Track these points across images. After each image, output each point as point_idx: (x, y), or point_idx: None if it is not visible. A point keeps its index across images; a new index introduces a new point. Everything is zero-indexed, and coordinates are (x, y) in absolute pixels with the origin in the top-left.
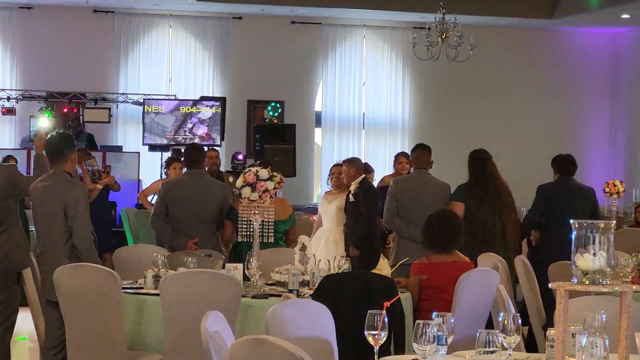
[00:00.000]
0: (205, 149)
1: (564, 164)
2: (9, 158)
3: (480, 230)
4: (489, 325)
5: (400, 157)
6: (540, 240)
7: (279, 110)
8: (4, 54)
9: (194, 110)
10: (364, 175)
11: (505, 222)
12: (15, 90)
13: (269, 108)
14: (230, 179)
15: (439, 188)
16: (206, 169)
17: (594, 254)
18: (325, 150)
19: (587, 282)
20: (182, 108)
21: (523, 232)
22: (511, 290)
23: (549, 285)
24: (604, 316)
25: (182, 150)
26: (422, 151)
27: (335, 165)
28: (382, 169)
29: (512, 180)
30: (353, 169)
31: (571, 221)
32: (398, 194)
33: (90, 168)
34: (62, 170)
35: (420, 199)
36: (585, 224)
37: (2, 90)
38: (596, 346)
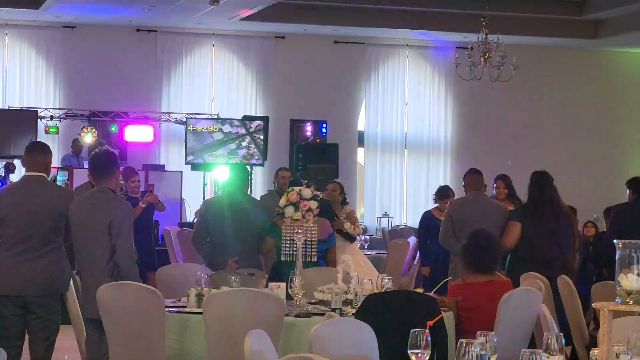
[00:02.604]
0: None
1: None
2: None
3: (537, 253)
4: (532, 345)
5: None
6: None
7: (321, 130)
8: (48, 73)
9: (237, 130)
10: None
11: (563, 246)
12: (59, 109)
13: (308, 129)
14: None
15: (496, 209)
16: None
17: (638, 274)
18: (367, 169)
19: (632, 302)
20: (225, 127)
21: (603, 254)
22: (554, 310)
23: (592, 305)
24: None
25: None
26: (475, 175)
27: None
28: (425, 189)
29: None
30: None
31: (615, 241)
32: (454, 215)
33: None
34: (106, 188)
35: (476, 220)
36: (629, 244)
37: (46, 109)
38: None
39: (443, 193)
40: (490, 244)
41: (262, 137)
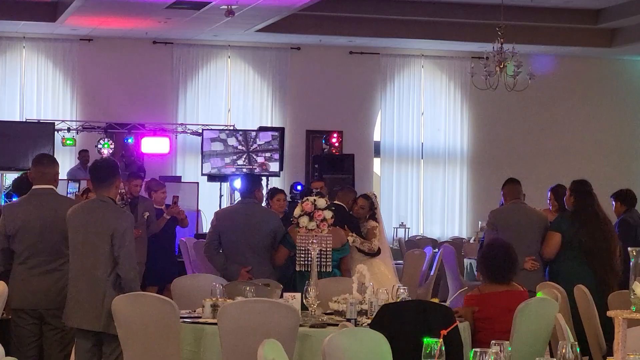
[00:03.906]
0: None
1: None
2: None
3: (593, 262)
4: (551, 355)
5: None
6: None
7: (337, 141)
8: (65, 86)
9: (253, 141)
10: None
11: (611, 253)
12: (75, 121)
13: (324, 140)
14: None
15: (537, 217)
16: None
17: None
18: (384, 179)
19: None
20: (241, 138)
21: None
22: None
23: (607, 313)
24: None
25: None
26: (513, 184)
27: None
28: (442, 199)
29: None
30: None
31: (630, 249)
32: (497, 223)
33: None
34: (106, 197)
35: (518, 229)
36: None
37: (63, 121)
38: None
39: None
40: (508, 255)
41: (278, 148)
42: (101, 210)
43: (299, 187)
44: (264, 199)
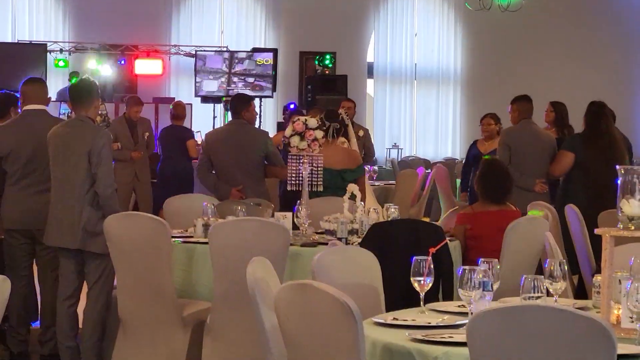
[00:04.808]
0: (254, 99)
1: None
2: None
3: (592, 182)
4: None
5: (486, 118)
6: None
7: (331, 62)
8: (57, 7)
9: (246, 62)
10: None
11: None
12: (68, 42)
13: (317, 60)
14: (361, 133)
15: (548, 138)
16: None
17: None
18: (377, 101)
19: (633, 227)
20: (234, 60)
21: None
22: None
23: (595, 231)
24: None
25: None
26: (525, 102)
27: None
28: (435, 120)
29: None
30: None
31: (617, 167)
32: (511, 143)
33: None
34: (85, 117)
35: (533, 148)
36: (631, 170)
37: (55, 42)
38: None
39: None
40: (505, 175)
41: (271, 69)
42: (79, 129)
43: (292, 106)
44: (257, 118)
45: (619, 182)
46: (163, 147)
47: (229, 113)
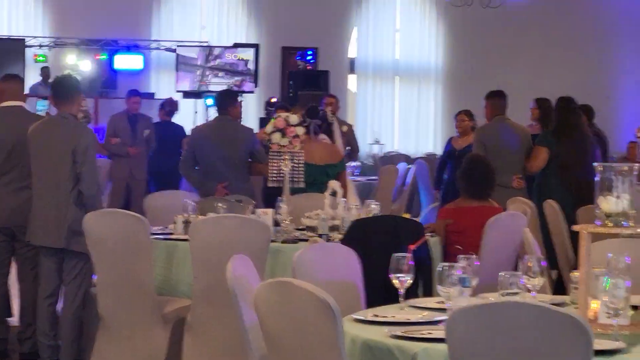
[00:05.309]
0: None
1: None
2: None
3: (567, 176)
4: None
5: (460, 114)
6: None
7: (312, 57)
8: (36, 1)
9: (228, 57)
10: None
11: (588, 167)
12: (47, 37)
13: (299, 56)
14: (345, 129)
15: (523, 134)
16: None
17: (617, 197)
18: (359, 96)
19: (610, 224)
20: (215, 55)
21: None
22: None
23: (572, 227)
24: (627, 258)
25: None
26: (498, 98)
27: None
28: (416, 115)
29: None
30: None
31: (595, 164)
32: (485, 140)
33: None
34: (68, 113)
35: (507, 145)
36: (609, 167)
37: (34, 37)
38: (618, 287)
39: None
40: (487, 171)
41: (252, 65)
42: (62, 126)
43: (273, 100)
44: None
45: (596, 179)
46: (157, 143)
47: (210, 109)
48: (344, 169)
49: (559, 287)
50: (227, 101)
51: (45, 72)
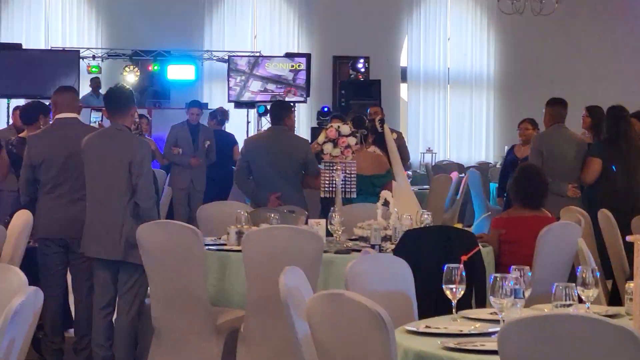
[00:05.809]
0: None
1: None
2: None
3: (612, 186)
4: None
5: (524, 122)
6: None
7: (364, 67)
8: (90, 13)
9: (280, 67)
10: None
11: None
12: (101, 48)
13: (350, 66)
14: (394, 136)
15: (578, 142)
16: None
17: None
18: (411, 105)
19: None
20: (268, 65)
21: None
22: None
23: (627, 238)
24: None
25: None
26: (559, 106)
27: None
28: (469, 124)
29: None
30: None
31: None
32: (543, 148)
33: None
34: (123, 125)
35: (564, 154)
36: None
37: (88, 49)
38: None
39: None
40: (540, 181)
41: (304, 74)
42: (118, 138)
43: (325, 109)
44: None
45: None
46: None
47: (263, 118)
48: (390, 180)
49: (615, 296)
50: (283, 112)
51: (95, 82)
